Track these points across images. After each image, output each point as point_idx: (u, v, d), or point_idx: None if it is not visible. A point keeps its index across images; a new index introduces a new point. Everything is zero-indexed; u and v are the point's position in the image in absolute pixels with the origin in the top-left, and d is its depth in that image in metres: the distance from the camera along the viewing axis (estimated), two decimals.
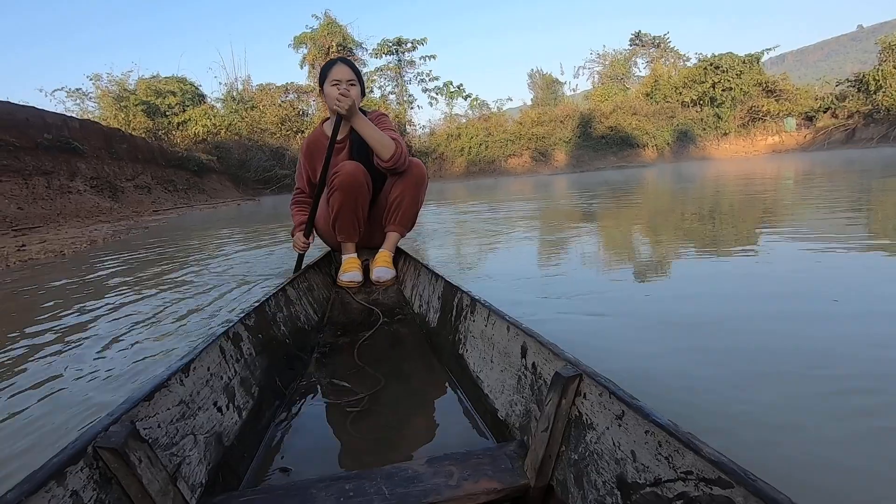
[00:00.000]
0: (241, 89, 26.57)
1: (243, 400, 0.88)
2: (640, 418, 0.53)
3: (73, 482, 0.48)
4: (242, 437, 0.82)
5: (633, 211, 4.91)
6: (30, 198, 8.43)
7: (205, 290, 2.28)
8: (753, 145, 26.17)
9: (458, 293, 1.22)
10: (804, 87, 26.58)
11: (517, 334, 0.85)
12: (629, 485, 0.53)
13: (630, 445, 0.54)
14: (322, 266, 2.02)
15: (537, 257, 2.74)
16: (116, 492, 0.52)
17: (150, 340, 1.58)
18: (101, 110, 21.28)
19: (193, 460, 0.66)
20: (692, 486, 0.46)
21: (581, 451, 0.61)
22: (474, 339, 1.05)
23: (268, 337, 1.12)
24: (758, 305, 1.54)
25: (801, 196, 5.04)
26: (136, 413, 0.59)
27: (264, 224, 6.40)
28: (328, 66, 1.96)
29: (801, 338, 1.25)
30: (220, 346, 0.88)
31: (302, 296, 1.54)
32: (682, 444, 0.47)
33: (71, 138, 10.63)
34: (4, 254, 4.09)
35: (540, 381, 0.75)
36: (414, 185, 1.98)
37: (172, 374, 0.70)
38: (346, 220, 1.94)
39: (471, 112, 29.07)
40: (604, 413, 0.58)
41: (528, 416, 0.75)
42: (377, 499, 0.61)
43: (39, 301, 2.37)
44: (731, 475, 0.42)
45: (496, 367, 0.91)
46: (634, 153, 25.29)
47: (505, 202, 7.33)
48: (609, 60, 31.93)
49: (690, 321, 1.44)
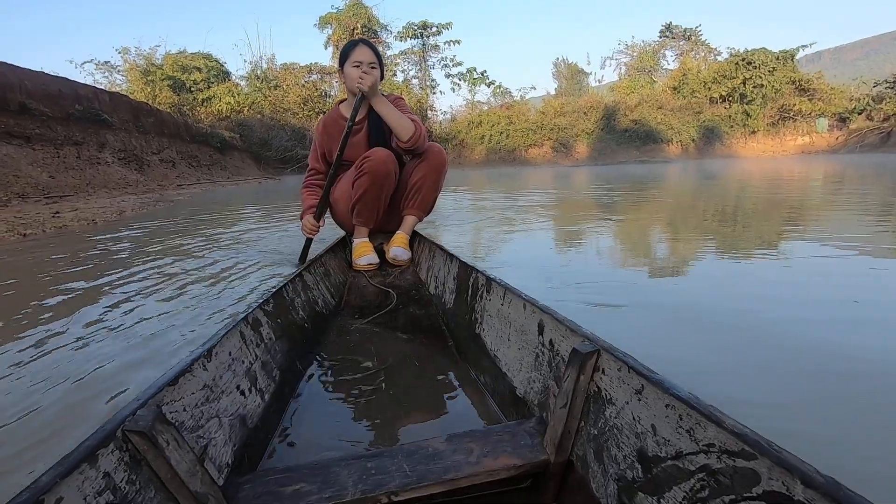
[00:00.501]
0: (266, 68, 26.66)
1: (265, 383, 0.90)
2: (660, 392, 0.53)
3: (105, 464, 0.49)
4: (266, 418, 0.84)
5: (653, 207, 4.87)
6: (61, 167, 8.67)
7: (246, 261, 2.37)
8: (782, 145, 25.49)
9: (474, 273, 1.24)
10: (839, 87, 25.68)
11: (534, 312, 0.86)
12: (650, 458, 0.53)
13: (650, 419, 0.54)
14: (337, 251, 2.04)
15: (551, 248, 2.76)
16: (147, 473, 0.53)
17: (204, 292, 1.68)
18: (128, 83, 21.61)
19: (219, 442, 0.68)
20: (714, 458, 0.46)
21: (601, 426, 0.62)
22: (490, 318, 1.06)
23: (286, 321, 1.14)
24: (772, 305, 1.56)
25: (828, 200, 4.94)
26: (161, 398, 0.61)
27: (291, 201, 6.50)
28: (349, 46, 1.97)
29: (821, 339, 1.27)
30: (240, 331, 0.90)
31: (319, 280, 1.57)
32: (703, 416, 0.48)
33: (101, 110, 10.84)
34: (41, 220, 4.25)
35: (557, 357, 0.76)
36: (434, 171, 2.00)
37: (195, 359, 0.71)
38: (368, 205, 1.95)
39: (493, 100, 28.78)
40: (623, 388, 0.59)
41: (547, 393, 0.76)
42: (399, 476, 0.63)
43: (94, 261, 2.49)
44: (755, 446, 0.42)
45: (513, 345, 0.92)
46: (658, 148, 24.83)
47: (523, 192, 7.32)
48: (637, 52, 31.20)
49: (703, 318, 1.45)
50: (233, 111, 21.69)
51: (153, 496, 0.53)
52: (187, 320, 1.52)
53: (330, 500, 0.59)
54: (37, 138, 8.57)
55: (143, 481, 0.52)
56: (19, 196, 6.43)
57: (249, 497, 0.61)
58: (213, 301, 1.73)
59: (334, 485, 0.61)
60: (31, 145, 8.34)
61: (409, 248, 1.99)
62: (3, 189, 6.39)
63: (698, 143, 25.45)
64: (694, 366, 1.12)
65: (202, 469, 0.57)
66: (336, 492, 0.60)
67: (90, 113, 10.35)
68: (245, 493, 0.62)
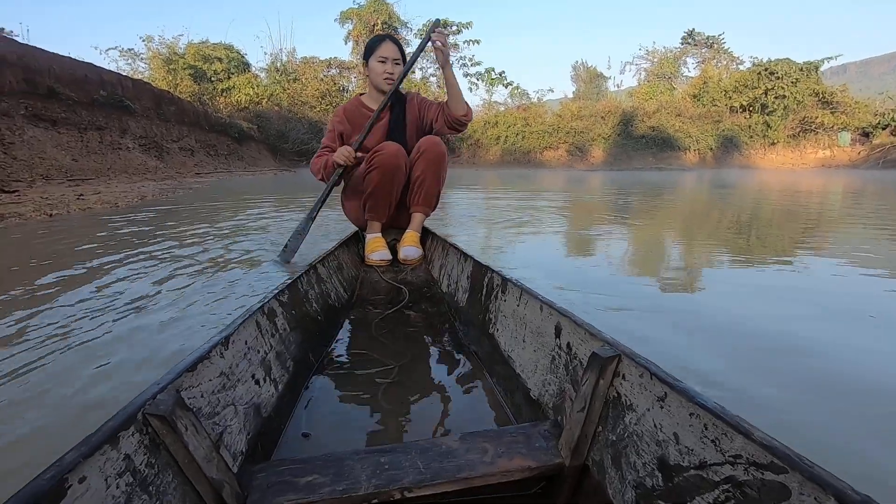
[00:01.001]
0: (286, 61, 26.89)
1: (279, 373, 0.91)
2: (684, 400, 0.52)
3: (126, 446, 0.50)
4: (279, 408, 0.85)
5: (667, 215, 4.85)
6: (84, 151, 8.84)
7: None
8: (802, 158, 25.11)
9: (489, 273, 1.23)
10: (863, 101, 25.22)
11: (551, 314, 0.85)
12: (671, 466, 0.52)
13: (673, 427, 0.53)
14: (351, 245, 2.04)
15: (562, 251, 2.78)
16: (165, 457, 0.54)
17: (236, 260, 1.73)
18: (150, 71, 21.92)
19: (234, 429, 0.69)
20: (741, 470, 0.45)
21: (619, 431, 0.61)
22: (505, 318, 1.06)
23: (300, 313, 1.16)
24: (773, 317, 1.57)
25: (847, 214, 4.88)
26: (180, 383, 0.61)
27: (311, 193, 6.58)
28: (376, 41, 1.99)
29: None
30: (256, 320, 0.90)
31: (332, 274, 1.57)
32: (730, 427, 0.46)
33: (124, 96, 11.04)
34: (66, 201, 4.36)
35: (575, 361, 0.75)
36: (433, 163, 1.97)
37: (213, 346, 0.72)
38: (379, 200, 1.96)
39: (510, 101, 28.72)
40: (644, 394, 0.58)
41: (562, 396, 0.75)
42: (412, 472, 0.62)
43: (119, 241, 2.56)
44: (785, 460, 0.41)
45: (528, 347, 0.91)
46: (675, 156, 24.61)
47: (539, 194, 7.31)
48: (658, 58, 30.93)
49: (709, 326, 1.46)
50: (251, 102, 21.92)
51: (171, 480, 0.54)
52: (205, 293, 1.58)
53: (343, 493, 0.59)
54: (62, 122, 8.76)
55: (161, 465, 0.53)
56: (43, 178, 6.58)
57: (263, 486, 0.61)
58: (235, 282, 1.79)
59: (348, 478, 0.62)
60: (57, 128, 8.52)
61: (421, 246, 2.00)
62: (29, 170, 6.55)
63: (716, 153, 25.17)
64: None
65: (218, 456, 0.57)
66: (350, 485, 0.60)
67: (114, 99, 10.54)
68: (259, 482, 0.62)
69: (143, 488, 0.50)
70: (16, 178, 6.01)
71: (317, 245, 2.46)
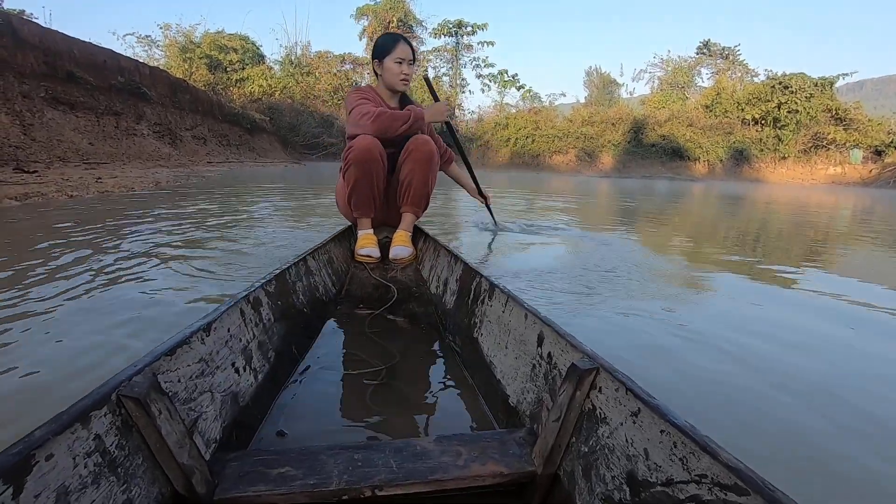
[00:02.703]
0: (300, 54, 27.07)
1: (260, 363, 0.90)
2: (656, 417, 0.53)
3: (97, 426, 0.50)
4: (257, 399, 0.84)
5: (672, 227, 4.90)
6: (100, 135, 8.99)
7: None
8: (812, 173, 24.97)
9: (478, 277, 1.22)
10: (877, 119, 25.05)
11: (534, 322, 0.85)
12: (639, 482, 0.53)
13: (643, 443, 0.54)
14: (342, 239, 2.02)
15: (563, 255, 2.84)
16: (136, 439, 0.53)
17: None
18: (166, 59, 22.16)
19: (210, 417, 0.68)
20: (706, 489, 0.46)
21: (592, 444, 0.61)
22: (490, 323, 1.05)
23: (286, 304, 1.14)
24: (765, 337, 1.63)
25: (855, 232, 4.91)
26: (158, 366, 0.61)
27: (318, 184, 6.67)
28: (392, 41, 1.99)
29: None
30: (240, 308, 0.90)
31: (322, 267, 1.56)
32: (698, 446, 0.47)
33: (141, 83, 11.20)
34: (85, 184, 4.47)
35: (555, 371, 0.75)
36: (420, 164, 1.96)
37: (194, 332, 0.71)
38: (361, 194, 1.95)
39: (522, 103, 28.80)
40: (619, 409, 0.59)
41: (540, 405, 0.75)
42: (385, 471, 0.63)
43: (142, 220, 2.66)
44: (749, 483, 0.42)
45: (510, 354, 0.91)
46: (684, 165, 24.56)
47: (549, 197, 7.37)
48: (672, 67, 30.87)
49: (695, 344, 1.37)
50: (264, 94, 22.11)
51: (140, 463, 0.53)
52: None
53: (314, 488, 0.60)
54: (80, 106, 8.91)
55: (132, 447, 0.53)
56: (60, 160, 6.72)
57: (235, 475, 0.61)
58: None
59: (320, 472, 0.62)
60: (75, 112, 8.67)
61: (413, 245, 2.00)
62: (47, 151, 6.68)
63: (726, 164, 25.09)
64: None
65: (191, 442, 0.57)
66: (321, 479, 0.61)
67: (131, 85, 10.70)
68: (231, 471, 0.62)
69: (111, 469, 0.50)
70: (34, 158, 6.14)
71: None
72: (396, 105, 2.10)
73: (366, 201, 1.97)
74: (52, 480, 0.44)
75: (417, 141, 1.98)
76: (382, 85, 2.07)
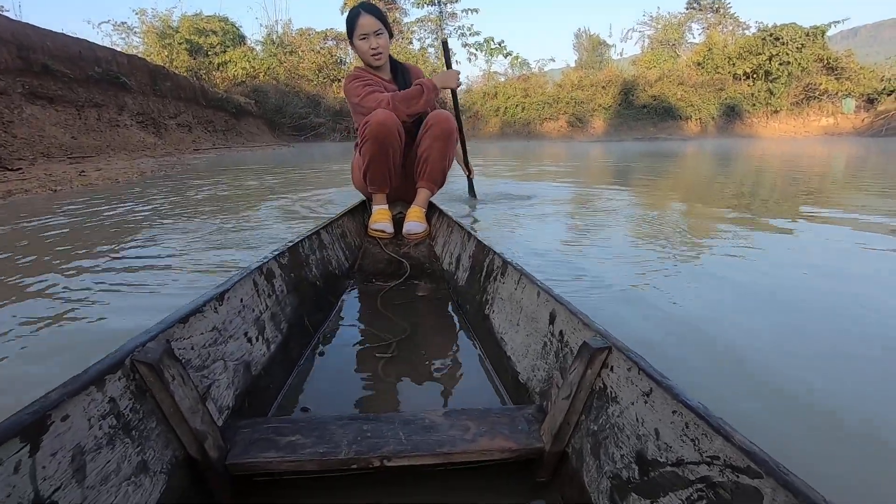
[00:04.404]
0: (282, 33, 26.42)
1: (272, 334, 0.91)
2: (668, 397, 0.52)
3: (112, 389, 0.51)
4: (269, 369, 0.85)
5: (667, 187, 4.94)
6: (83, 128, 8.91)
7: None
8: (805, 126, 24.76)
9: (490, 254, 1.22)
10: (869, 67, 24.67)
11: (547, 300, 0.85)
12: (648, 461, 0.53)
13: (654, 423, 0.54)
14: (356, 214, 2.02)
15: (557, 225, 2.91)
16: (150, 404, 0.55)
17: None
18: (145, 46, 21.66)
19: (222, 384, 0.70)
20: (717, 471, 0.45)
21: (601, 422, 0.61)
22: (502, 300, 1.05)
23: (299, 277, 1.15)
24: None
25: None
26: (171, 333, 0.62)
27: (319, 165, 6.68)
28: (352, 17, 1.92)
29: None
30: (253, 279, 0.90)
31: (335, 241, 1.57)
32: (711, 428, 0.47)
33: (119, 73, 11.01)
34: (68, 178, 4.50)
35: (566, 349, 0.75)
36: (439, 140, 1.94)
37: (207, 300, 0.73)
38: (377, 170, 1.92)
39: (511, 71, 28.24)
40: (630, 388, 0.58)
41: (550, 383, 0.75)
42: (393, 442, 0.63)
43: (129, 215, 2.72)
44: (762, 465, 0.41)
45: (522, 331, 0.91)
46: (676, 125, 24.33)
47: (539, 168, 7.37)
48: (662, 24, 30.18)
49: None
50: (248, 76, 21.70)
51: (154, 426, 0.55)
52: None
53: (323, 456, 0.61)
54: (59, 99, 8.80)
55: (146, 411, 0.54)
56: (44, 155, 6.70)
57: (246, 441, 0.63)
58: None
59: (329, 441, 0.63)
60: (55, 106, 8.57)
61: (427, 222, 1.97)
62: (30, 148, 6.66)
63: (718, 122, 24.84)
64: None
65: (203, 408, 0.58)
66: (330, 448, 0.62)
67: (109, 75, 10.52)
68: (242, 437, 0.63)
69: (125, 432, 0.51)
70: (18, 156, 6.12)
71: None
72: (390, 77, 2.04)
73: (381, 176, 1.94)
74: (67, 441, 0.45)
75: (438, 116, 1.93)
76: (365, 65, 2.00)
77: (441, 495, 0.64)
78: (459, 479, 0.66)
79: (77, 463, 0.45)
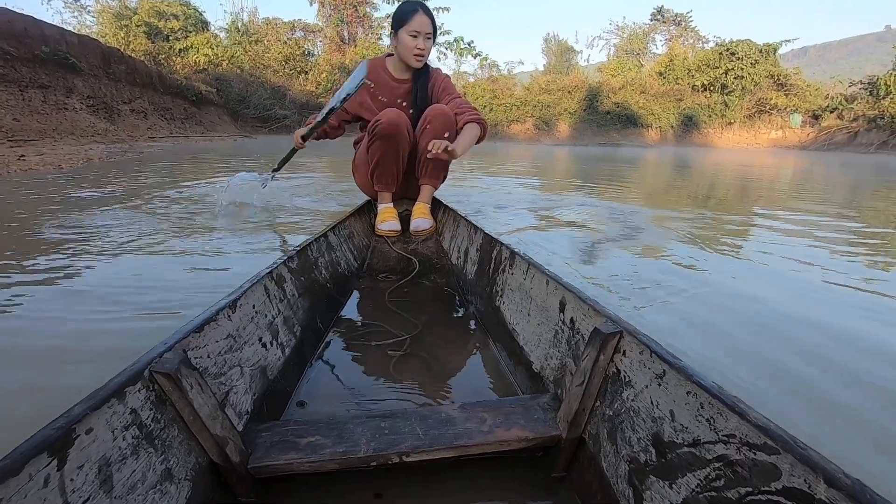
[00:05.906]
0: (247, 21, 25.68)
1: (286, 337, 0.92)
2: (682, 378, 0.53)
3: (132, 401, 0.52)
4: (285, 372, 0.86)
5: (628, 189, 5.12)
6: (26, 110, 8.41)
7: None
8: (756, 138, 26.07)
9: (498, 245, 1.23)
10: (815, 84, 26.25)
11: (556, 289, 0.85)
12: (665, 443, 0.53)
13: (669, 405, 0.54)
14: (363, 214, 2.03)
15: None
16: (171, 413, 0.56)
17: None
18: (99, 26, 20.61)
19: (240, 390, 0.71)
20: (734, 449, 0.45)
21: (616, 407, 0.62)
22: (511, 291, 1.06)
23: (309, 280, 1.16)
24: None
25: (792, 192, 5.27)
26: (187, 343, 0.63)
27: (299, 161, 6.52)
28: (409, 10, 1.84)
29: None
30: (264, 285, 0.91)
31: (342, 242, 1.58)
32: (726, 406, 0.47)
33: (69, 53, 10.43)
34: (6, 161, 4.25)
35: (577, 336, 0.75)
36: (439, 136, 1.85)
37: (220, 309, 0.73)
38: (386, 169, 1.91)
39: (480, 72, 28.48)
40: (643, 371, 0.59)
41: (563, 370, 0.76)
42: (411, 438, 0.64)
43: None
44: (778, 441, 0.41)
45: (533, 321, 0.92)
46: (637, 132, 25.13)
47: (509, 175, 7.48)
48: (627, 33, 31.15)
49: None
50: (210, 64, 20.95)
51: (176, 435, 0.56)
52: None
53: (343, 455, 0.62)
54: (0, 78, 8.28)
55: (167, 420, 0.55)
56: None
57: (266, 444, 0.64)
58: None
59: (348, 440, 0.64)
60: None
61: (432, 217, 1.98)
62: None
63: (676, 131, 25.82)
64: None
65: (223, 414, 0.59)
66: (350, 447, 0.63)
67: (57, 55, 9.97)
68: (262, 440, 0.64)
69: (149, 441, 0.52)
70: None
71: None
72: (408, 78, 1.98)
73: (390, 175, 1.94)
74: (93, 453, 0.46)
75: (434, 111, 1.89)
76: (397, 57, 1.94)
77: (461, 487, 0.65)
78: (478, 470, 0.67)
79: (104, 474, 0.46)
